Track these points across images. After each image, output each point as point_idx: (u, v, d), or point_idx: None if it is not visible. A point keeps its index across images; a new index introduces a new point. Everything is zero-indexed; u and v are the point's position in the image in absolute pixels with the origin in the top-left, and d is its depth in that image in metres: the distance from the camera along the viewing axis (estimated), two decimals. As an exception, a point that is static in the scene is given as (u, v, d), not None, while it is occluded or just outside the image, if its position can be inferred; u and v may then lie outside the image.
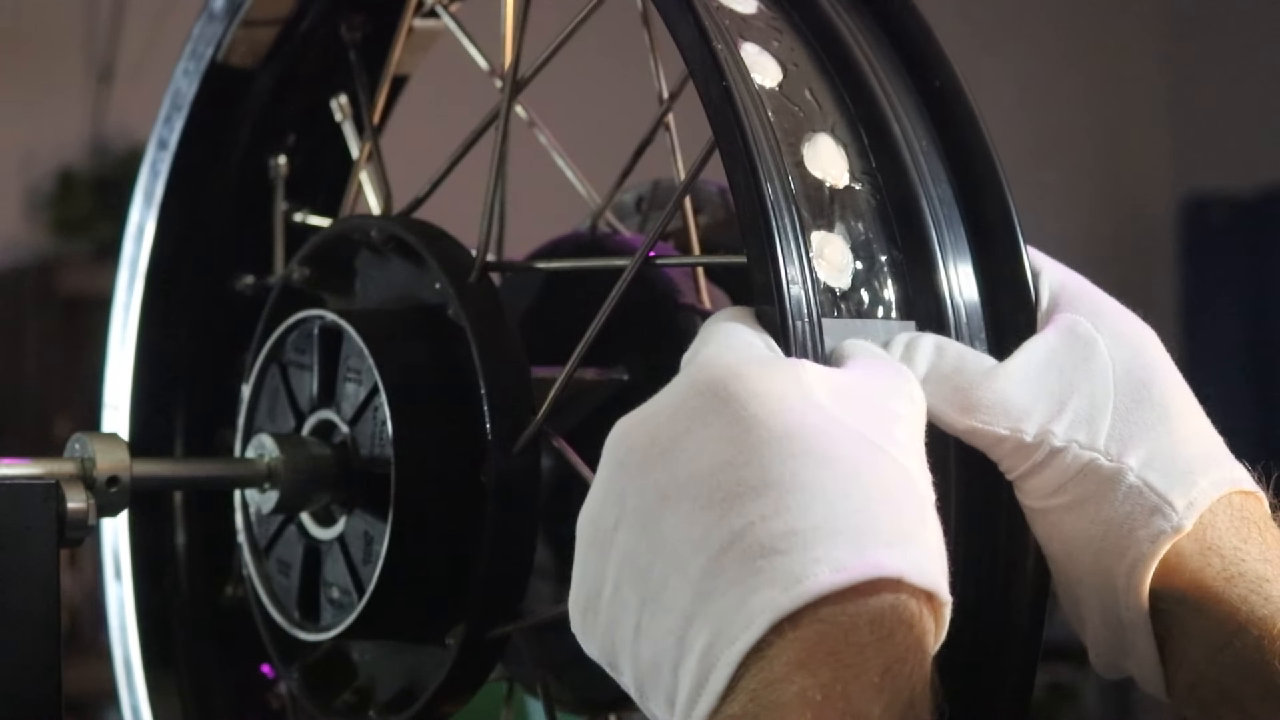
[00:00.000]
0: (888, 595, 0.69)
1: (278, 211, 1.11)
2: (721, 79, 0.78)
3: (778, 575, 0.68)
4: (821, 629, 0.68)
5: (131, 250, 1.13)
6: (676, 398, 0.74)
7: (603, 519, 0.74)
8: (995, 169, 0.81)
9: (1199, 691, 0.80)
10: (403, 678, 0.95)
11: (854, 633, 0.68)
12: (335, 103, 1.11)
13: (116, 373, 1.13)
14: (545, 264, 1.01)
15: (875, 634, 0.68)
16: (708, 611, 0.69)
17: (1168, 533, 0.79)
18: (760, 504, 0.70)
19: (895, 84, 0.83)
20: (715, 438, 0.72)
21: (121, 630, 1.12)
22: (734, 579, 0.69)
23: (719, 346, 0.75)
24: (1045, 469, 0.79)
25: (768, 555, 0.69)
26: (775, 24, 0.84)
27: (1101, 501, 0.80)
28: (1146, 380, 0.82)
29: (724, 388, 0.73)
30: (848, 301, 0.78)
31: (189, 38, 1.09)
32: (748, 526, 0.70)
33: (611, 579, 0.73)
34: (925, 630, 0.70)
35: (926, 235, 0.80)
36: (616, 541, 0.73)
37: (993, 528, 0.81)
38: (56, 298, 4.18)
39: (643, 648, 0.72)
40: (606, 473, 0.75)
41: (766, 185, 0.77)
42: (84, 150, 4.34)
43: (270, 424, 0.99)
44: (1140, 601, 0.80)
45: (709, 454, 0.71)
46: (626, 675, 0.73)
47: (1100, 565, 0.80)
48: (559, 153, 1.05)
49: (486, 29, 1.00)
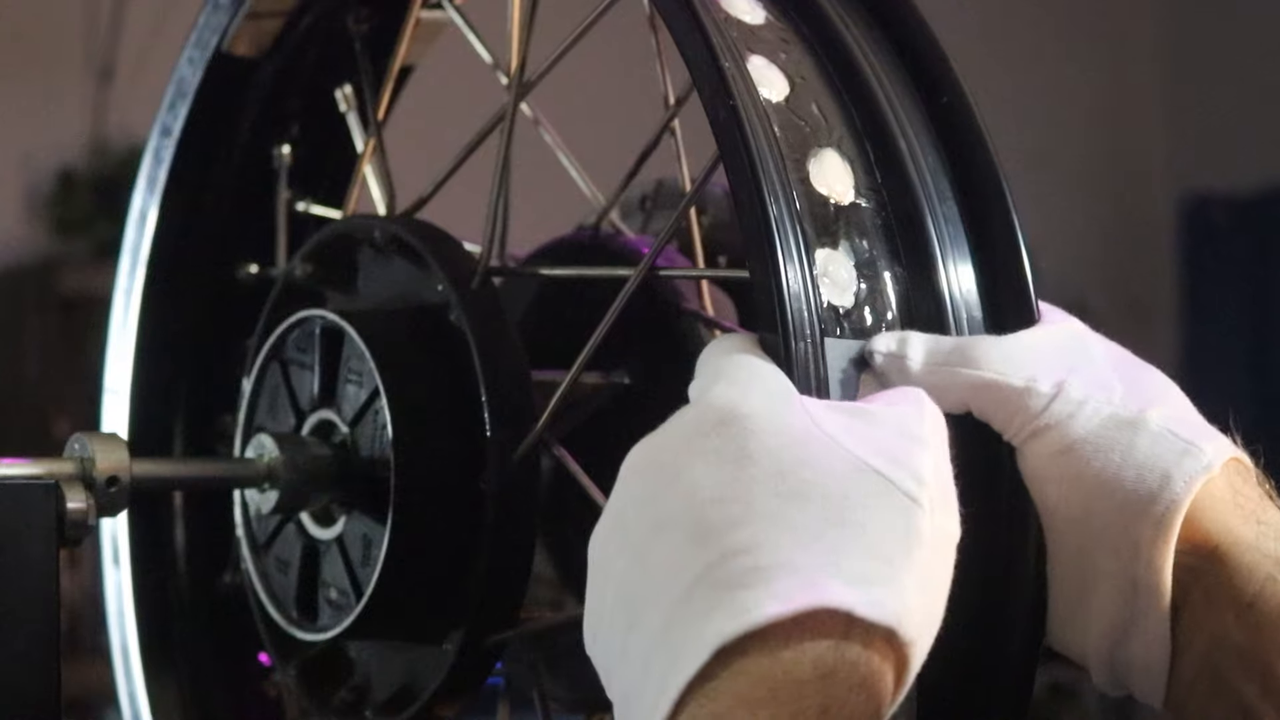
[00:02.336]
0: (834, 632, 0.69)
1: (281, 201, 1.11)
2: (728, 98, 0.78)
3: (732, 607, 0.69)
4: (764, 663, 0.68)
5: (134, 237, 1.13)
6: (684, 432, 0.74)
7: (609, 544, 0.75)
8: (1002, 189, 0.81)
9: (1200, 683, 0.78)
10: (400, 678, 0.95)
11: (795, 668, 0.68)
12: (340, 93, 1.11)
13: (117, 359, 1.13)
14: (549, 271, 1.00)
15: (816, 671, 0.68)
16: (670, 640, 0.70)
17: (1199, 473, 0.78)
18: (736, 538, 0.70)
19: (902, 99, 0.83)
20: (712, 473, 0.72)
21: (119, 617, 1.12)
22: (698, 610, 0.70)
23: (729, 382, 0.75)
24: (1065, 420, 0.77)
25: (730, 588, 0.69)
26: (783, 36, 0.83)
27: (1129, 447, 0.78)
28: (1140, 366, 0.81)
29: (728, 425, 0.73)
30: (850, 320, 0.78)
31: (194, 26, 1.09)
32: (719, 559, 0.70)
33: (609, 603, 0.74)
34: (873, 671, 0.69)
35: (931, 253, 0.80)
36: (616, 568, 0.74)
37: (993, 527, 0.80)
38: (56, 298, 4.18)
39: (624, 671, 0.73)
40: (617, 500, 0.75)
41: (771, 204, 0.77)
42: (84, 150, 4.34)
43: (271, 421, 0.99)
44: (1166, 553, 0.77)
45: (703, 488, 0.72)
46: (614, 695, 0.74)
47: (1125, 516, 0.78)
48: (563, 151, 1.05)
49: (492, 22, 0.99)
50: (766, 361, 0.76)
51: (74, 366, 3.99)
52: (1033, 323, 0.81)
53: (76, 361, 3.98)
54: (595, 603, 0.75)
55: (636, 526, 0.73)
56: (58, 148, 4.32)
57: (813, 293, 0.77)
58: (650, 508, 0.73)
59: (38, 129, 4.33)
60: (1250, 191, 5.33)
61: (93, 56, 4.29)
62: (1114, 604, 0.79)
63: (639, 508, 0.74)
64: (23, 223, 4.39)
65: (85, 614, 3.68)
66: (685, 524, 0.71)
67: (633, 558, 0.73)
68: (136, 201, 1.12)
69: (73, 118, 4.30)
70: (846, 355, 0.77)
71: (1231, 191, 5.36)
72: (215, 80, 1.10)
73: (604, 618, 0.74)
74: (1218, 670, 0.78)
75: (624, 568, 0.73)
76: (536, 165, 1.15)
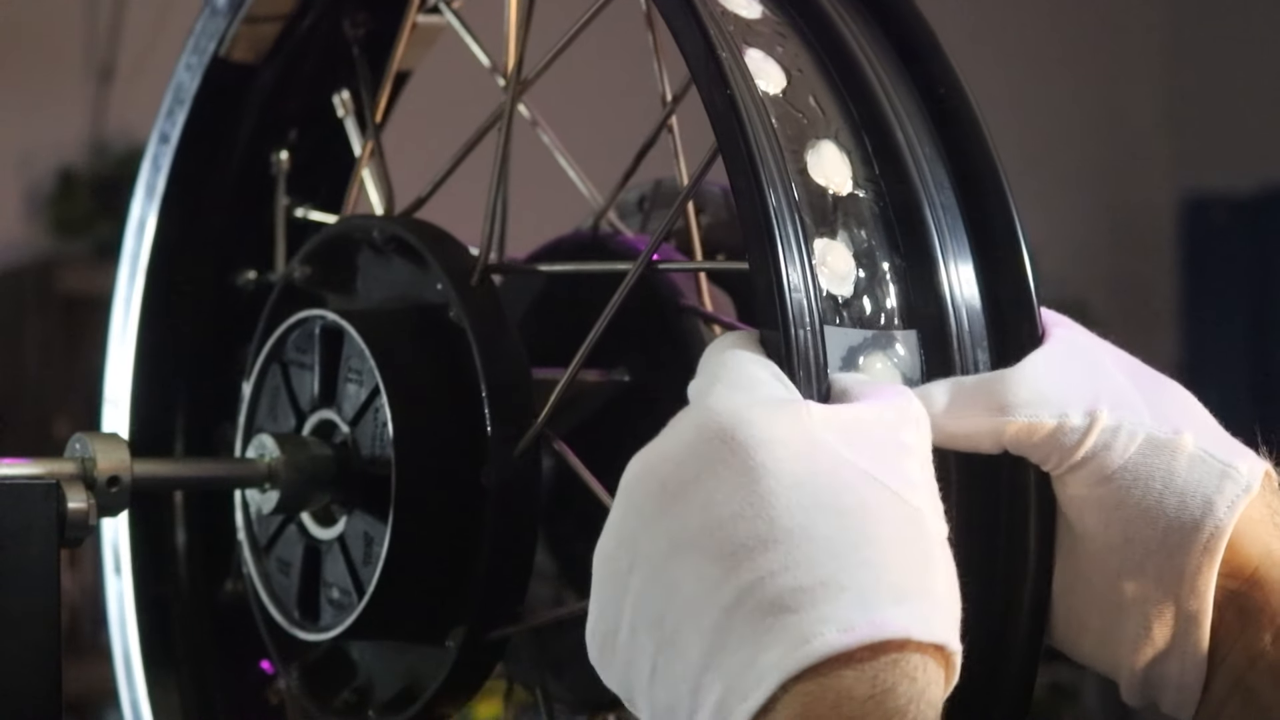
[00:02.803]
0: (892, 651, 0.70)
1: (279, 207, 1.10)
2: (725, 87, 0.78)
3: (786, 634, 0.69)
4: (826, 684, 0.69)
5: (133, 245, 1.12)
6: (685, 442, 0.74)
7: (618, 560, 0.75)
8: (999, 176, 0.81)
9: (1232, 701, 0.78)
10: (402, 678, 0.95)
11: (857, 687, 0.69)
12: (337, 98, 1.11)
13: (117, 367, 1.13)
14: (547, 266, 1.00)
15: (876, 688, 0.69)
16: (720, 665, 0.70)
17: (1240, 496, 0.78)
18: (769, 558, 0.70)
19: (899, 90, 0.83)
20: (723, 487, 0.72)
21: (121, 625, 1.12)
22: (745, 635, 0.70)
23: (727, 386, 0.75)
24: (1102, 451, 0.77)
25: (776, 613, 0.70)
26: (780, 29, 0.83)
27: (1169, 473, 0.78)
28: (1154, 376, 0.81)
29: (731, 435, 0.73)
30: (849, 309, 0.78)
31: (191, 32, 1.09)
32: (757, 582, 0.70)
33: (628, 621, 0.74)
34: (929, 681, 0.70)
35: (929, 242, 0.80)
36: (631, 585, 0.74)
37: (994, 532, 0.80)
38: (56, 298, 4.18)
39: (658, 691, 0.73)
40: (620, 513, 0.75)
41: (769, 193, 0.77)
42: (84, 150, 4.34)
43: (271, 423, 0.99)
44: (1210, 579, 0.77)
45: (718, 504, 0.72)
46: (644, 713, 0.74)
47: (1168, 544, 0.78)
48: (561, 152, 1.05)
49: (489, 26, 0.99)
50: (767, 363, 0.76)
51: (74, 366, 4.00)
52: (1033, 316, 0.80)
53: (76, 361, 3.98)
54: (608, 619, 0.75)
55: (649, 543, 0.73)
56: (58, 148, 4.32)
57: (812, 282, 0.77)
58: (662, 524, 0.73)
59: (38, 129, 4.33)
60: (1250, 191, 5.33)
61: (93, 57, 4.29)
62: (1155, 626, 0.79)
63: (649, 524, 0.73)
64: (23, 223, 4.39)
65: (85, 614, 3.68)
66: (707, 544, 0.71)
67: (651, 577, 0.73)
68: (135, 209, 1.12)
69: (73, 118, 4.30)
70: (846, 344, 0.77)
71: (1231, 191, 5.36)
72: (213, 86, 1.09)
73: (620, 635, 0.74)
74: (1251, 689, 0.79)
75: (642, 587, 0.73)
76: (534, 167, 1.15)
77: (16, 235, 4.37)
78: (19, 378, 4.22)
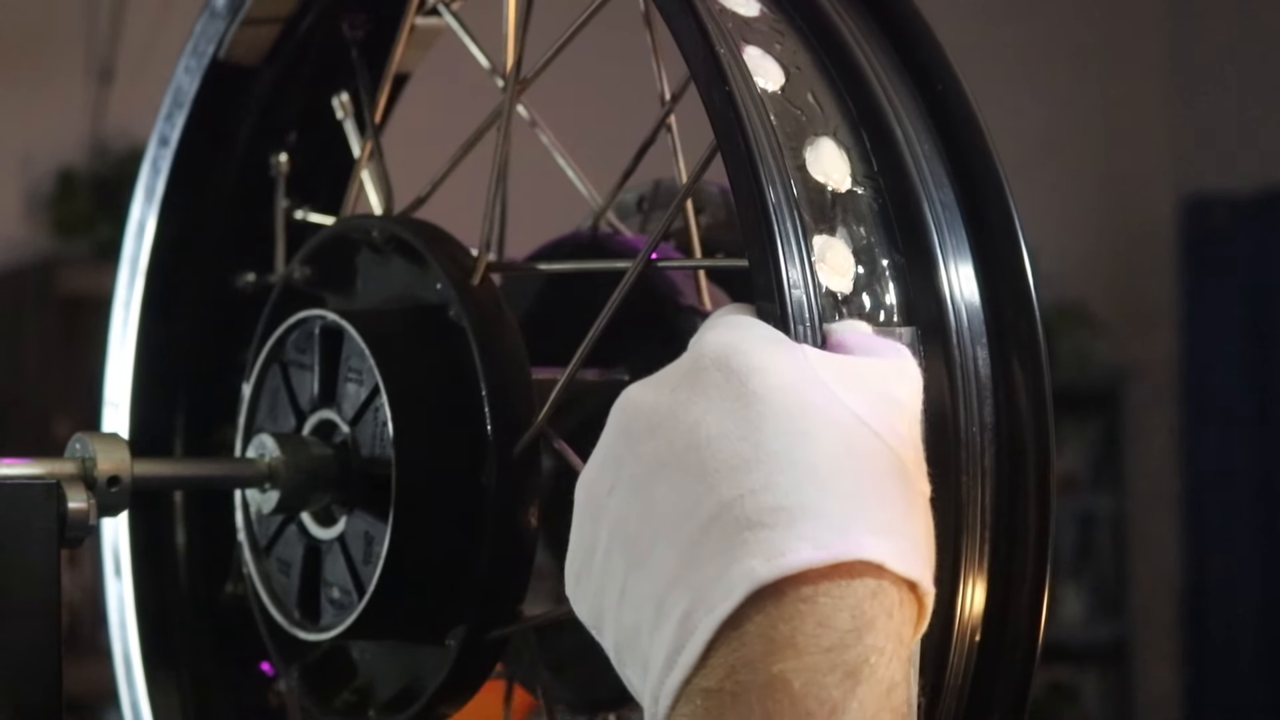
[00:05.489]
0: (869, 580, 0.69)
1: (279, 209, 1.10)
2: (724, 83, 0.78)
3: (760, 547, 0.69)
4: (802, 609, 0.68)
5: (132, 248, 1.12)
6: (681, 370, 0.74)
7: (599, 483, 0.74)
8: (997, 173, 0.81)
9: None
10: (403, 678, 0.95)
11: (835, 617, 0.68)
12: (336, 100, 1.11)
13: (117, 370, 1.12)
14: (547, 265, 1.01)
15: (855, 621, 0.69)
16: (689, 579, 0.70)
17: None
18: (751, 477, 0.70)
19: (897, 87, 0.83)
20: (715, 410, 0.72)
21: (121, 628, 1.12)
22: (718, 548, 0.69)
23: (726, 326, 0.75)
24: None
25: (753, 528, 0.69)
26: (778, 27, 0.83)
27: None
28: None
29: (727, 362, 0.73)
30: (849, 305, 0.78)
31: (190, 35, 1.09)
32: (737, 499, 0.70)
33: (603, 543, 0.73)
34: (905, 619, 0.70)
35: (928, 239, 0.80)
36: (609, 506, 0.73)
37: (994, 526, 0.80)
38: (56, 298, 4.18)
39: (625, 612, 0.72)
40: (608, 438, 0.75)
41: (768, 189, 0.77)
42: (84, 150, 4.34)
43: (271, 423, 0.99)
44: None
45: (707, 425, 0.72)
46: (608, 640, 0.73)
47: None
48: (560, 153, 1.05)
49: (489, 28, 1.00)
50: (763, 321, 0.76)
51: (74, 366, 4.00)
52: (1032, 312, 0.80)
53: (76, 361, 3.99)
54: (584, 545, 0.74)
55: (633, 464, 0.73)
56: (58, 148, 4.33)
57: (811, 278, 0.77)
58: (648, 444, 0.73)
59: (38, 129, 4.34)
60: (1250, 191, 5.33)
61: (93, 57, 4.29)
62: None
63: (634, 444, 0.73)
64: (23, 223, 4.39)
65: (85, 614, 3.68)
66: (691, 461, 0.71)
67: (629, 495, 0.72)
68: (135, 212, 1.12)
69: (73, 118, 4.30)
70: None
71: (1231, 191, 5.36)
72: (212, 89, 1.09)
73: (595, 559, 0.74)
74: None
75: (620, 506, 0.73)
76: (534, 169, 1.15)
77: (16, 235, 4.37)
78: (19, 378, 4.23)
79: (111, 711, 3.38)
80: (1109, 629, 5.48)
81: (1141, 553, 5.52)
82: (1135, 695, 5.54)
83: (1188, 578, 5.48)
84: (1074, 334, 5.13)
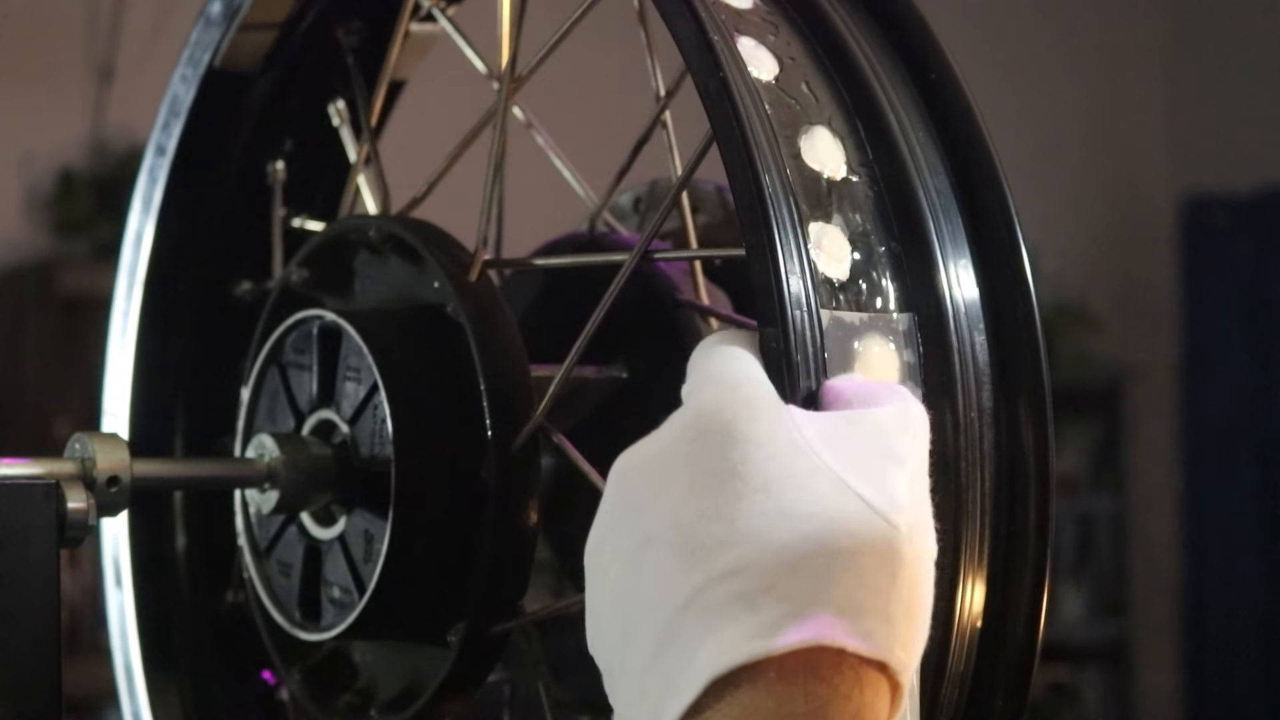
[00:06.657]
0: (827, 664, 0.69)
1: (276, 217, 1.10)
2: (718, 71, 0.78)
3: (722, 637, 0.69)
4: (757, 696, 0.69)
5: (130, 257, 1.12)
6: (671, 440, 0.74)
7: (602, 552, 0.75)
8: (991, 159, 0.81)
9: None
10: (404, 677, 0.95)
11: (788, 702, 0.69)
12: (333, 107, 1.11)
13: (115, 380, 1.12)
14: (544, 261, 1.01)
15: (809, 705, 0.69)
16: (663, 664, 0.71)
17: None
18: (723, 560, 0.70)
19: (891, 76, 0.83)
20: (696, 486, 0.72)
21: (122, 636, 1.12)
22: (688, 634, 0.70)
23: (717, 385, 0.75)
24: None
25: (719, 615, 0.70)
26: (771, 18, 0.84)
27: None
28: None
29: (711, 435, 0.73)
30: (846, 293, 0.78)
31: (186, 43, 1.09)
32: (708, 583, 0.70)
33: (606, 611, 0.74)
34: (867, 702, 0.70)
35: (924, 226, 0.80)
36: (610, 576, 0.74)
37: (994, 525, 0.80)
38: (56, 298, 4.18)
39: (619, 683, 0.73)
40: (608, 506, 0.75)
41: (764, 176, 0.77)
42: (84, 150, 4.34)
43: (270, 425, 0.99)
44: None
45: (689, 503, 0.72)
46: (616, 705, 0.74)
47: None
48: (556, 153, 1.05)
49: (483, 30, 1.00)
50: (754, 362, 0.76)
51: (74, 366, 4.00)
52: (1029, 299, 0.80)
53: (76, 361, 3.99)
54: (593, 608, 0.75)
55: (628, 537, 0.73)
56: (58, 148, 4.33)
57: (808, 265, 0.77)
58: (639, 518, 0.73)
59: (38, 129, 4.34)
60: (1250, 191, 5.33)
61: (93, 57, 4.30)
62: None
63: (628, 517, 0.74)
64: (23, 223, 4.39)
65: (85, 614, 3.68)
66: (673, 540, 0.72)
67: (626, 568, 0.73)
68: (133, 221, 1.12)
69: (73, 118, 4.30)
70: (843, 327, 0.77)
71: (1231, 191, 5.36)
72: (208, 97, 1.09)
73: (604, 622, 0.75)
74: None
75: (618, 577, 0.74)
76: (530, 170, 1.15)
77: (16, 235, 4.37)
78: (19, 378, 4.23)
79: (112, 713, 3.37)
80: (1109, 629, 5.48)
81: (1141, 553, 5.53)
82: (1135, 695, 5.55)
83: (1188, 578, 5.48)
84: (1074, 334, 5.13)
